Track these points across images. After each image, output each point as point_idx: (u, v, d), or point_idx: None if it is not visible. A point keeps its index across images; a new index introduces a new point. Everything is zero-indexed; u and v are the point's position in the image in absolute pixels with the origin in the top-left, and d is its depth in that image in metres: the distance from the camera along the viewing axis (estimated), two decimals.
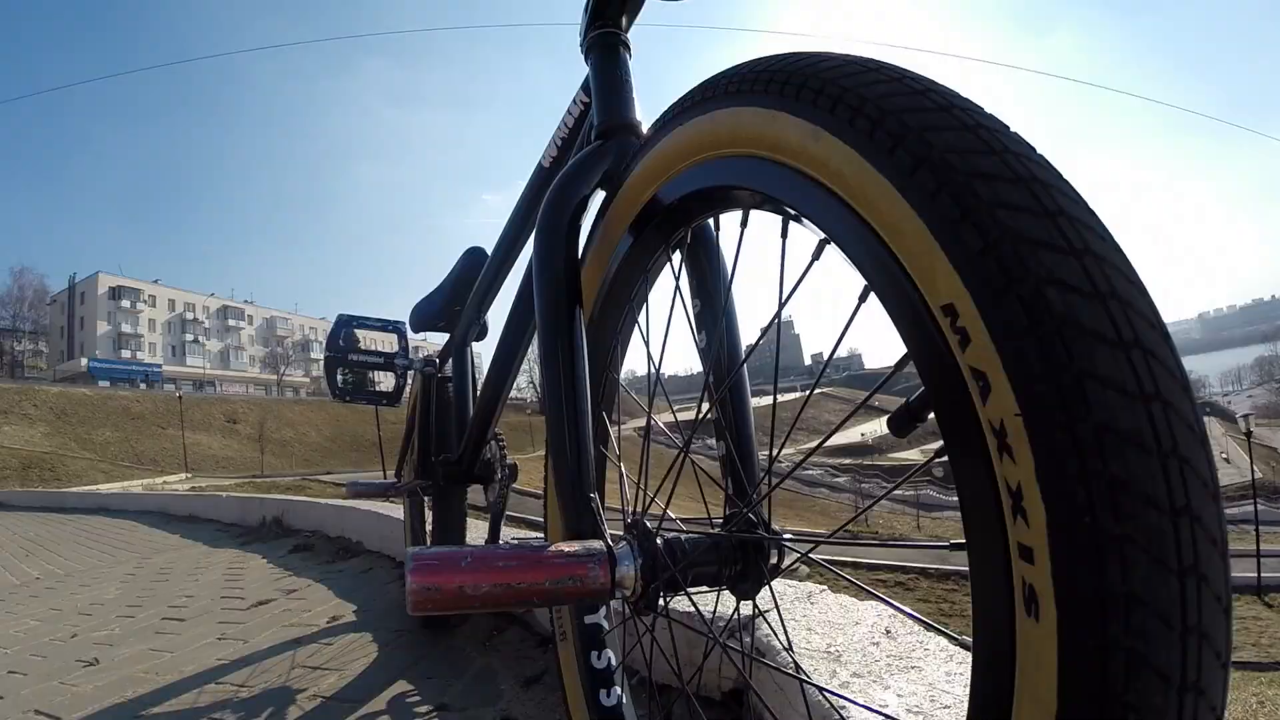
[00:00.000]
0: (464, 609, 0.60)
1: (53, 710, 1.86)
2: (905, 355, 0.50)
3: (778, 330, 0.73)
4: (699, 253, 0.93)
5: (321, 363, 2.03)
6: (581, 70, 1.16)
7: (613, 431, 1.01)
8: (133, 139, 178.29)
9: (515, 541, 0.79)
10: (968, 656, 0.72)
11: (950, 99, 0.50)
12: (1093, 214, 0.44)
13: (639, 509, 0.84)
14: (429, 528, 2.39)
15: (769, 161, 0.62)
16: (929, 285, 0.46)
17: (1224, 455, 60.19)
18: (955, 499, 0.47)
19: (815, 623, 1.38)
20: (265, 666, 2.09)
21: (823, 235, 0.59)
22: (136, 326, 75.85)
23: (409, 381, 2.14)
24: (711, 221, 0.89)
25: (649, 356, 0.91)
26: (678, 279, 0.90)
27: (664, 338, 0.91)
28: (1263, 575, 17.71)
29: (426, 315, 2.08)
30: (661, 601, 0.74)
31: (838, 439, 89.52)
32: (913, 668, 1.13)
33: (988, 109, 0.50)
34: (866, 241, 0.51)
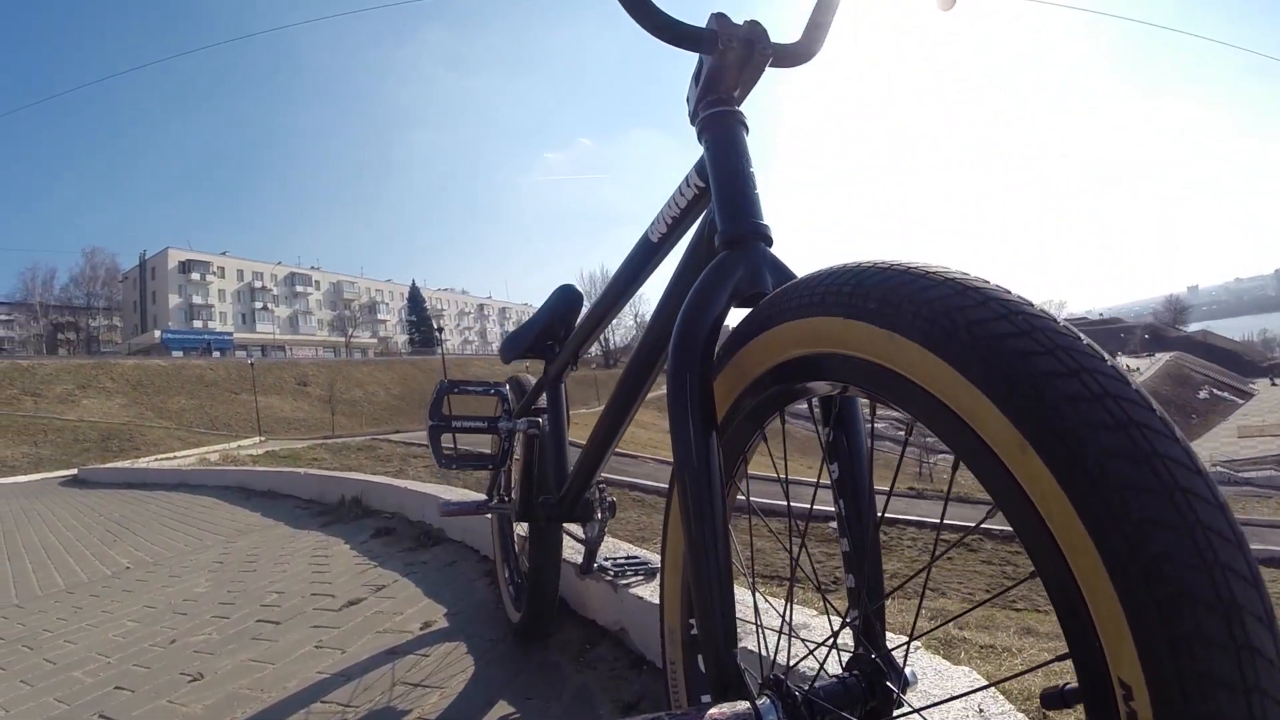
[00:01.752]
0: None
1: None
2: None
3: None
4: (844, 422, 0.89)
5: (426, 431, 2.03)
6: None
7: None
8: (195, 118, 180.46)
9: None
10: None
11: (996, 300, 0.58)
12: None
13: (776, 654, 0.94)
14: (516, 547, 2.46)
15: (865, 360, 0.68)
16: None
17: None
18: None
19: None
20: (367, 683, 2.09)
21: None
22: (207, 297, 77.85)
23: (513, 444, 2.13)
24: (862, 400, 0.89)
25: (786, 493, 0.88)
26: (824, 448, 0.89)
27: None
28: None
29: (519, 347, 2.09)
30: None
31: None
32: None
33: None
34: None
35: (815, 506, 0.91)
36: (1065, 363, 0.51)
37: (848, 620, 0.86)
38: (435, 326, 43.60)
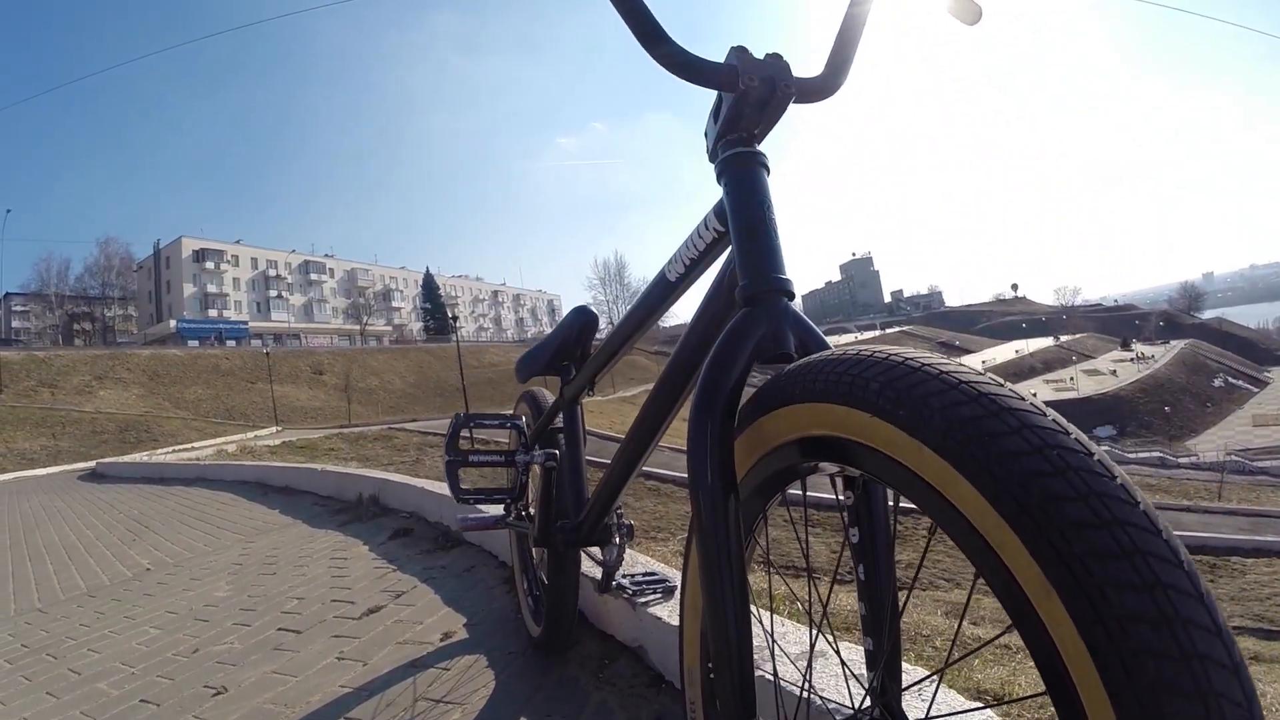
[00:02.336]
0: None
1: None
2: None
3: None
4: (863, 508, 0.88)
5: (443, 466, 2.04)
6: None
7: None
8: (207, 107, 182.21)
9: None
10: None
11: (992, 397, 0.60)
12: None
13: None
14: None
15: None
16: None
17: None
18: None
19: None
20: (390, 698, 2.11)
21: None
22: (221, 286, 78.45)
23: (530, 476, 2.14)
24: (886, 492, 0.88)
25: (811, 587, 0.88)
26: (846, 534, 0.89)
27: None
28: None
29: (534, 366, 2.12)
30: None
31: None
32: None
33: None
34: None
35: (837, 565, 0.91)
36: (1121, 542, 0.51)
37: (866, 688, 0.87)
38: (450, 316, 43.71)
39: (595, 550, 2.15)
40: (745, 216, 1.02)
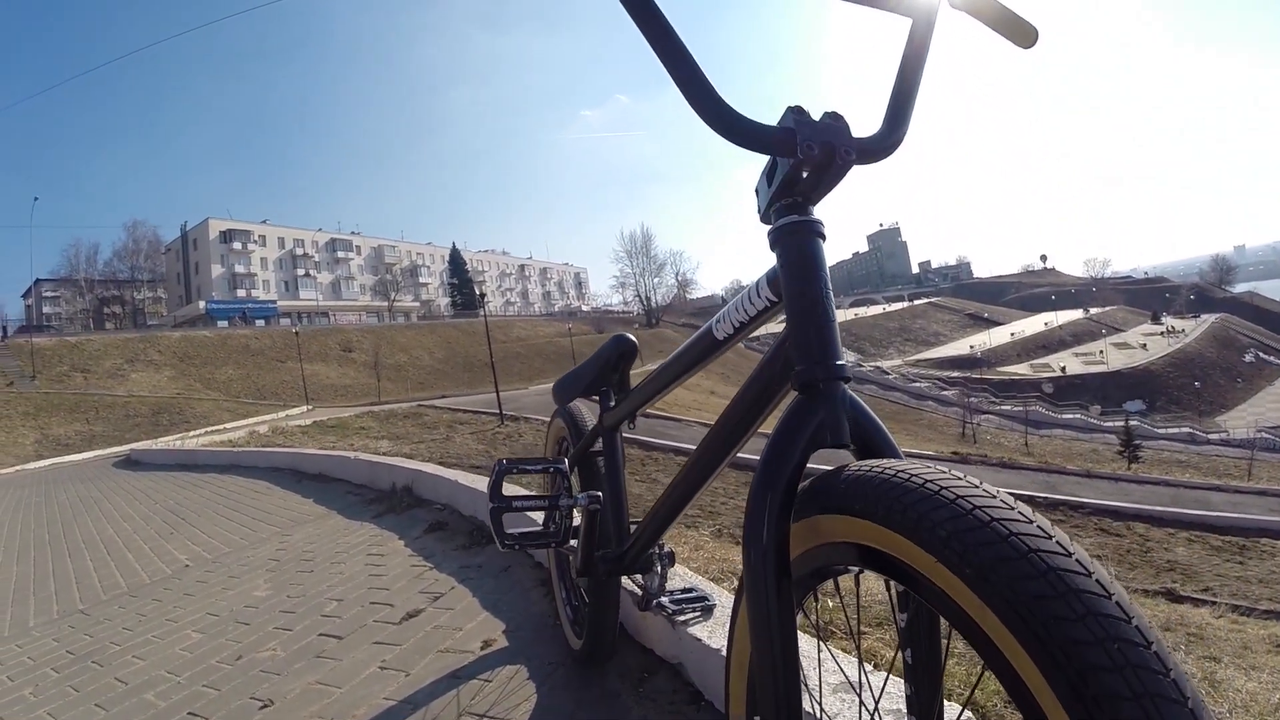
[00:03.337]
0: None
1: None
2: None
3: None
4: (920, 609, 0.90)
5: (488, 513, 2.05)
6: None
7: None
8: (228, 89, 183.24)
9: None
10: None
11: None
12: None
13: None
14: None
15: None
16: None
17: None
18: (1064, 417, 0.59)
19: None
20: (433, 711, 2.13)
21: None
22: (249, 266, 79.06)
23: (574, 519, 2.14)
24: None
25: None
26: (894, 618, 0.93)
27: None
28: None
29: (572, 391, 2.18)
30: None
31: (946, 350, 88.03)
32: None
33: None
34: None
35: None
36: (1133, 685, 0.56)
37: None
38: (479, 294, 43.92)
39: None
40: (802, 296, 0.99)
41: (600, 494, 1.99)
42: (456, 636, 2.69)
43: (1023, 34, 1.21)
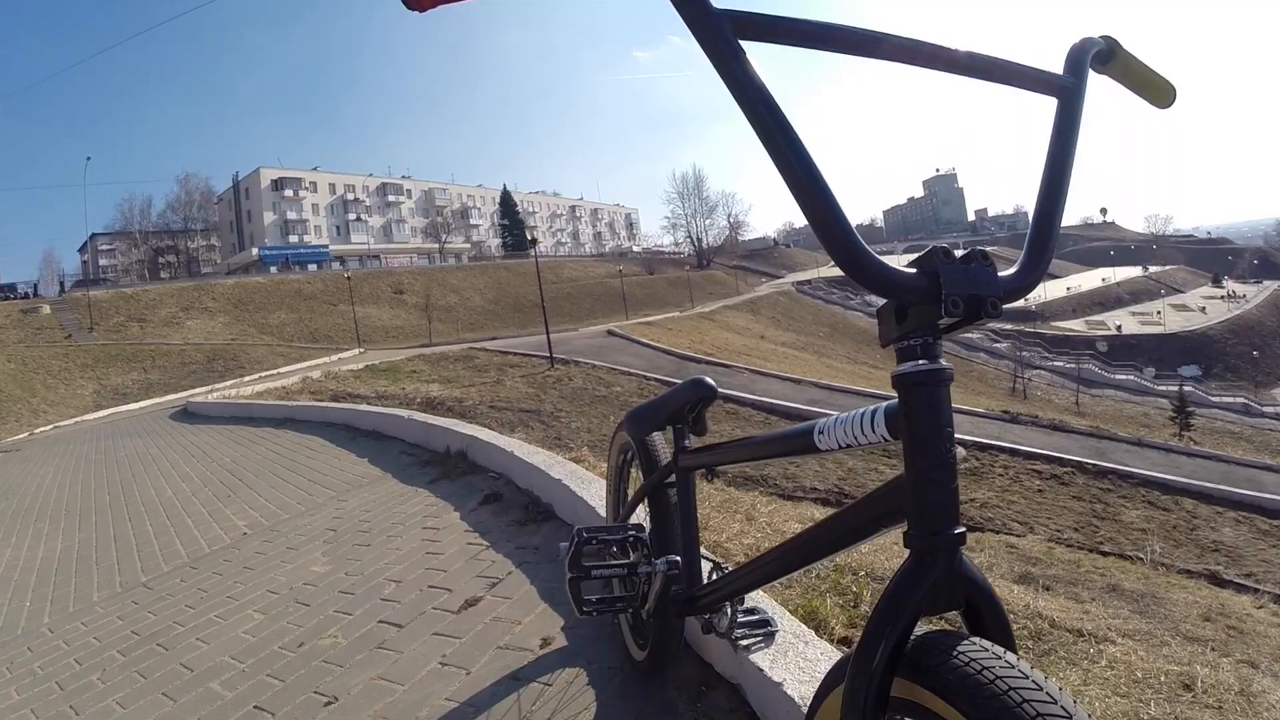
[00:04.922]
0: None
1: None
2: None
3: None
4: None
5: (566, 583, 2.03)
6: None
7: None
8: (278, 40, 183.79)
9: None
10: None
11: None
12: None
13: None
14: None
15: None
16: None
17: None
18: (1117, 377, 0.58)
19: None
20: (495, 716, 2.14)
21: None
22: (301, 213, 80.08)
23: (654, 585, 2.11)
24: None
25: None
26: None
27: None
28: None
29: (648, 424, 2.19)
30: None
31: None
32: None
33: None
34: None
35: None
36: None
37: None
38: (530, 239, 44.06)
39: None
40: (925, 455, 0.92)
41: (679, 559, 1.96)
42: (515, 631, 2.68)
43: (1161, 93, 1.16)
